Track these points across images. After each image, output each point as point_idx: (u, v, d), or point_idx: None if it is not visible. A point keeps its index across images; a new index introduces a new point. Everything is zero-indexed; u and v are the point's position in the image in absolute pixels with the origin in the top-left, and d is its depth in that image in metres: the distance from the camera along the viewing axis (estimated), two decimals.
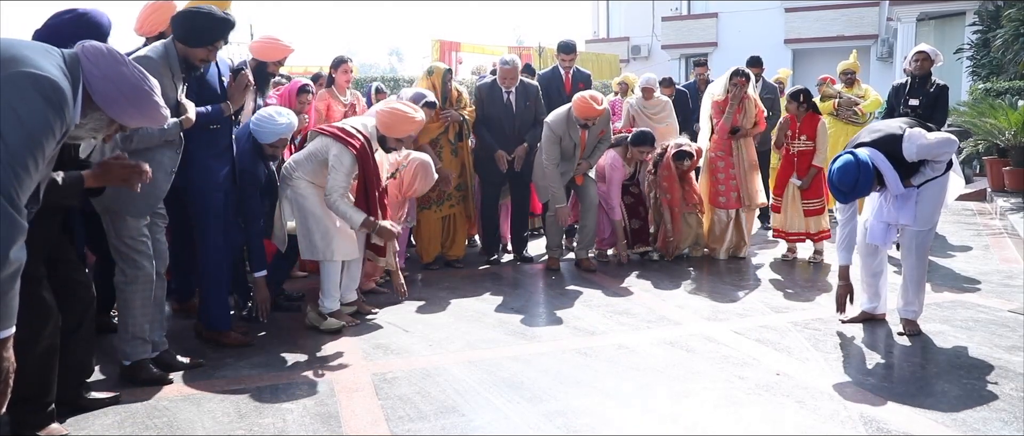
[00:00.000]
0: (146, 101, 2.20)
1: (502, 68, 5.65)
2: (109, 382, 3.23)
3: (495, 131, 5.71)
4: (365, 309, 4.44)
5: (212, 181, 3.63)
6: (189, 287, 4.38)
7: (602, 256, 6.04)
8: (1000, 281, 5.01)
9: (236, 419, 2.89)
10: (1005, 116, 8.75)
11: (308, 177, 4.04)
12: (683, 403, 2.99)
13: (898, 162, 3.56)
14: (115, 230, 3.15)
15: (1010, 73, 11.15)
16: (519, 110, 5.73)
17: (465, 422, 2.84)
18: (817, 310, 4.39)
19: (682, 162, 5.67)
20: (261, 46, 4.62)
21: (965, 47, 13.33)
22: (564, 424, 2.80)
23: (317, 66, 9.84)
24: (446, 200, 5.62)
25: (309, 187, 4.05)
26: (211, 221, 3.67)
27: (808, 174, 5.64)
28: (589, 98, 5.23)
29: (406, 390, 3.18)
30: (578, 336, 3.95)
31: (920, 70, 6.03)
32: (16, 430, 2.61)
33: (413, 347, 3.80)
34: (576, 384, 3.22)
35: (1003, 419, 2.78)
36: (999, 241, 6.56)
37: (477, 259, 6.07)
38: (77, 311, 2.83)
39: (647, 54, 24.28)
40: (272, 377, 3.36)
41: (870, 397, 3.01)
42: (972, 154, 9.80)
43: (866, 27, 20.76)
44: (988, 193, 9.15)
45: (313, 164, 4.04)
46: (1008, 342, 3.68)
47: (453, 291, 5.03)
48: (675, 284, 5.15)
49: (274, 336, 4.01)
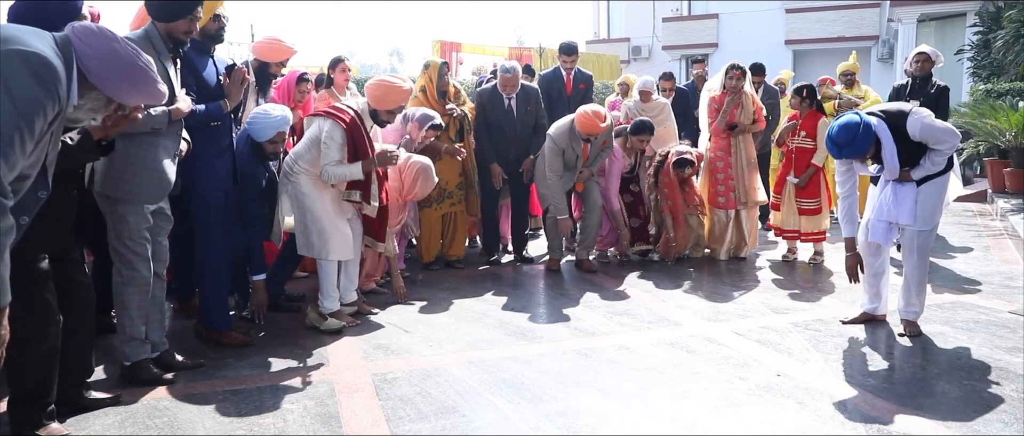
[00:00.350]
0: (141, 77, 2.19)
1: (503, 76, 5.65)
2: (109, 382, 3.24)
3: (496, 136, 5.72)
4: (365, 309, 4.44)
5: (213, 180, 3.63)
6: (189, 287, 4.38)
7: (602, 256, 6.04)
8: (1001, 282, 5.01)
9: (236, 419, 2.89)
10: (1006, 117, 8.75)
11: (310, 167, 4.03)
12: (683, 404, 2.99)
13: (901, 139, 3.57)
14: (116, 230, 3.15)
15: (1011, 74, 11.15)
16: (520, 115, 5.75)
17: (465, 423, 2.84)
18: (818, 311, 4.39)
19: (683, 170, 5.67)
20: (264, 47, 4.63)
21: (966, 48, 13.33)
22: (564, 425, 2.80)
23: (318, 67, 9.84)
24: (446, 198, 5.62)
25: (310, 183, 4.03)
26: (211, 221, 3.67)
27: (805, 172, 5.65)
28: (593, 115, 5.22)
29: (406, 390, 3.17)
30: (578, 337, 3.95)
31: (921, 71, 6.03)
32: (16, 430, 2.61)
33: (414, 347, 3.80)
34: (576, 385, 3.22)
35: (1004, 420, 2.77)
36: (1000, 242, 6.56)
37: (477, 259, 6.07)
38: (77, 311, 2.83)
39: (648, 55, 24.29)
40: (273, 377, 3.36)
41: (871, 398, 3.01)
42: (973, 155, 9.80)
43: (867, 28, 20.76)
44: (989, 194, 9.15)
45: (312, 150, 4.03)
46: (1009, 343, 3.67)
47: (454, 291, 5.03)
48: (676, 285, 5.15)
49: (275, 336, 4.02)
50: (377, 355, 3.69)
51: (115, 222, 3.14)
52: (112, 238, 3.17)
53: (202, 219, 3.67)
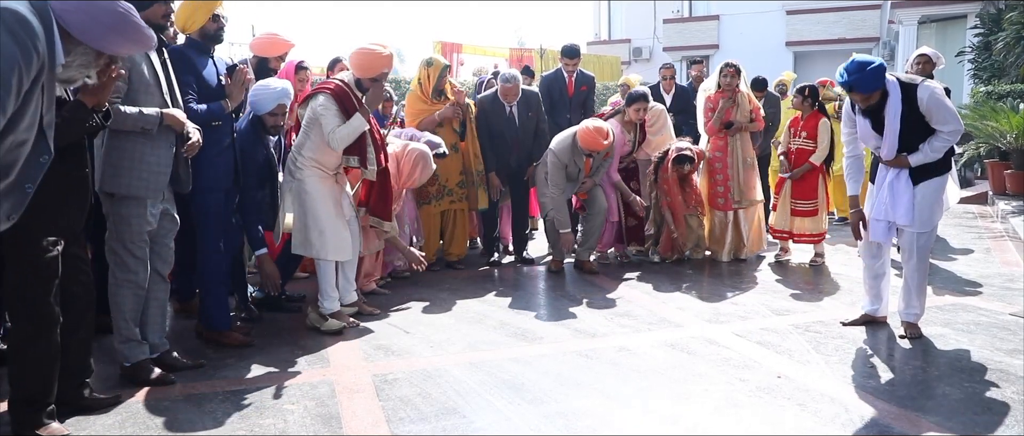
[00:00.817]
0: (124, 23, 2.15)
1: (503, 86, 5.65)
2: (109, 382, 3.23)
3: (499, 142, 5.73)
4: (366, 310, 4.44)
5: (213, 180, 3.63)
6: (190, 287, 4.38)
7: (603, 258, 6.04)
8: (1001, 284, 5.00)
9: (237, 420, 2.89)
10: (1006, 119, 8.75)
11: (313, 156, 4.01)
12: (684, 405, 2.99)
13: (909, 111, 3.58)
14: (117, 231, 3.15)
15: (1012, 76, 11.15)
16: (522, 122, 5.78)
17: (466, 423, 2.84)
18: (818, 313, 4.39)
19: (682, 166, 5.66)
20: (262, 43, 4.65)
21: (966, 50, 13.33)
22: (565, 426, 2.80)
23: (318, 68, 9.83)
24: (446, 195, 5.62)
25: (314, 181, 4.02)
26: (211, 221, 3.67)
27: (800, 167, 5.67)
28: (595, 131, 5.21)
29: (407, 391, 3.17)
30: (579, 338, 3.95)
31: (922, 73, 6.02)
32: (16, 430, 2.61)
33: (414, 348, 3.80)
34: (577, 386, 3.22)
35: (1004, 423, 2.77)
36: (1000, 244, 6.56)
37: (478, 260, 6.07)
38: (77, 311, 2.83)
39: (648, 56, 24.30)
40: (273, 378, 3.36)
41: (871, 400, 3.01)
42: (973, 157, 9.80)
43: (867, 30, 20.77)
44: (989, 196, 9.15)
45: (311, 133, 4.02)
46: (1009, 345, 3.67)
47: (454, 292, 5.03)
48: (676, 286, 5.15)
49: (275, 337, 4.01)
50: (378, 356, 3.69)
51: (116, 223, 3.14)
52: (111, 239, 3.17)
53: (202, 219, 3.67)
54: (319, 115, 3.95)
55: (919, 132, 3.63)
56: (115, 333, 3.24)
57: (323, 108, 3.95)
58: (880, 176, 3.83)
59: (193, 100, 3.47)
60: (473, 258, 6.14)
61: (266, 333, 4.07)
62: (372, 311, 4.45)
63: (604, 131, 5.24)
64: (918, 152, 3.65)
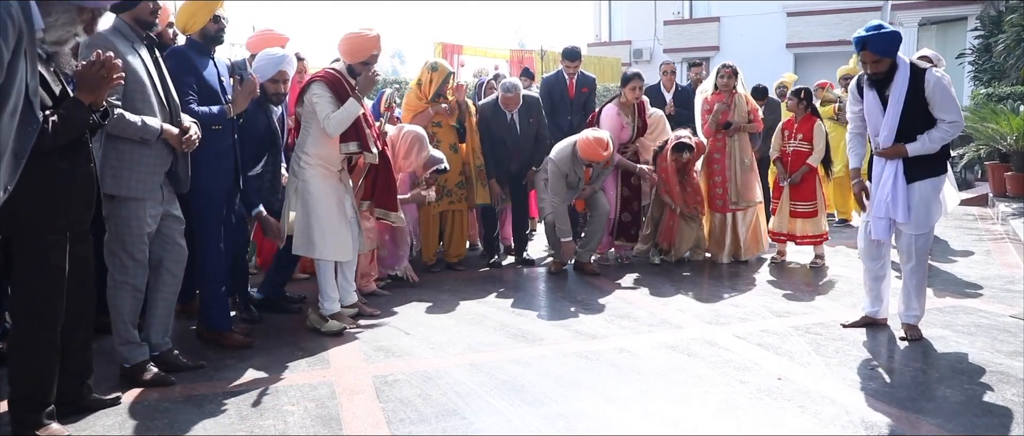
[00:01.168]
0: None
1: (504, 95, 5.64)
2: (110, 383, 3.23)
3: (500, 149, 5.73)
4: (366, 311, 4.44)
5: (214, 181, 3.63)
6: (190, 288, 4.37)
7: (603, 259, 6.04)
8: (1001, 286, 5.00)
9: (237, 421, 2.89)
10: (1007, 121, 8.75)
11: (316, 151, 4.01)
12: (684, 407, 2.99)
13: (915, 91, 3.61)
14: (117, 233, 3.14)
15: (1012, 78, 11.16)
16: (523, 128, 5.78)
17: (466, 425, 2.84)
18: (819, 315, 4.39)
19: (681, 154, 5.63)
20: (257, 39, 4.67)
21: (967, 52, 13.35)
22: (565, 427, 2.80)
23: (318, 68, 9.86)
24: (446, 196, 5.61)
25: (318, 180, 4.01)
26: (212, 221, 3.67)
27: (799, 170, 5.68)
28: (594, 142, 5.19)
29: (407, 393, 3.17)
30: (579, 340, 3.95)
31: None
32: (16, 430, 2.60)
33: (414, 350, 3.80)
34: (577, 387, 3.22)
35: (1004, 425, 2.77)
36: (1000, 246, 6.56)
37: (478, 261, 6.07)
38: (78, 311, 2.82)
39: (649, 58, 24.28)
40: (273, 379, 3.36)
41: (871, 402, 3.01)
42: (974, 159, 9.80)
43: None
44: (990, 198, 9.15)
45: (310, 126, 4.02)
46: (1009, 347, 3.67)
47: (454, 293, 5.02)
48: (676, 288, 5.15)
49: (275, 338, 4.01)
50: (378, 357, 3.69)
51: (117, 225, 3.14)
52: (110, 240, 3.16)
53: (203, 219, 3.67)
54: (314, 104, 3.96)
55: (920, 120, 3.65)
56: (114, 335, 3.24)
57: (317, 96, 3.96)
58: (877, 173, 3.83)
59: (193, 101, 3.47)
60: (473, 259, 6.14)
61: (266, 334, 4.07)
62: (372, 312, 4.45)
63: (604, 142, 5.22)
64: (916, 142, 3.66)
